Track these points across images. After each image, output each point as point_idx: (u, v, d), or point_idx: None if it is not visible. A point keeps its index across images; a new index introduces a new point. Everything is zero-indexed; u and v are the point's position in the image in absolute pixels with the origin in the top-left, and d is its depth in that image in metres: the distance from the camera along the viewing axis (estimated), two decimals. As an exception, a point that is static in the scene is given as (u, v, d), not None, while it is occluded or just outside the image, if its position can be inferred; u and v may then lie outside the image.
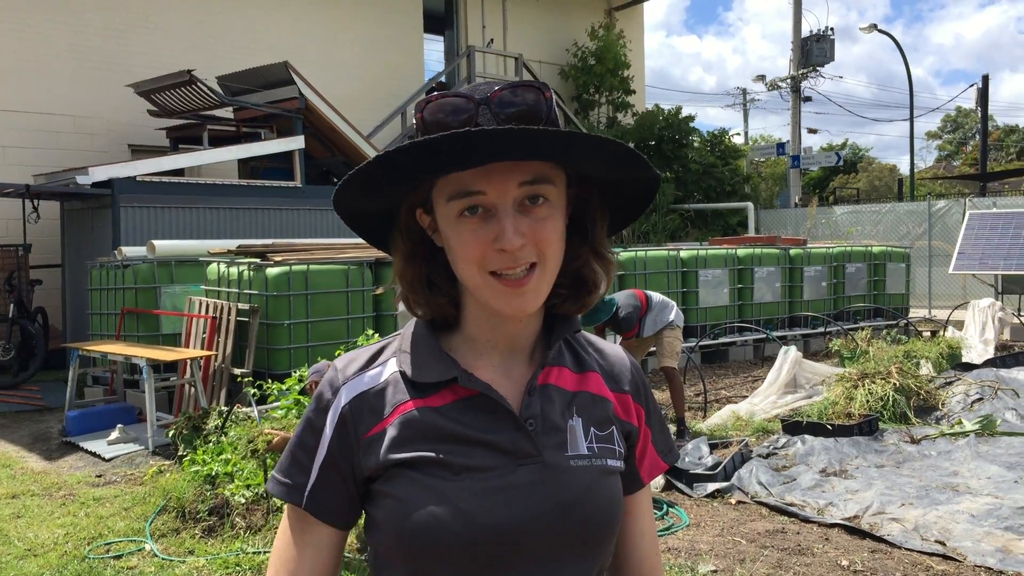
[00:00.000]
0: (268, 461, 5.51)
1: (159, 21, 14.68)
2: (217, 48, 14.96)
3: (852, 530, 5.12)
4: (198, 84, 11.93)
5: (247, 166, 13.91)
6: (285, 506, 1.23)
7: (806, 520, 5.31)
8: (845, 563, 4.59)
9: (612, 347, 1.34)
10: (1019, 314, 13.16)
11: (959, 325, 12.55)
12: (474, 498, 1.10)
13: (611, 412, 1.24)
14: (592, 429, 1.21)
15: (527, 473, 1.13)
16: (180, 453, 6.80)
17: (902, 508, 5.36)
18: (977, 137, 54.84)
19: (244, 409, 7.27)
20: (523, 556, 1.11)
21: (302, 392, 5.91)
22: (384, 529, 1.14)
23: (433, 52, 20.00)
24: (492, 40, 18.62)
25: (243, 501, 5.60)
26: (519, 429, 1.15)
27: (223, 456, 6.15)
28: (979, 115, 34.61)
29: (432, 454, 1.12)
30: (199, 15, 15.06)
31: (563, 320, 1.24)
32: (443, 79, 18.13)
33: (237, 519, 5.51)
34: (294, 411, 6.60)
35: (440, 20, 19.48)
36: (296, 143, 12.76)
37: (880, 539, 4.94)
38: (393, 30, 17.33)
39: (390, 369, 1.21)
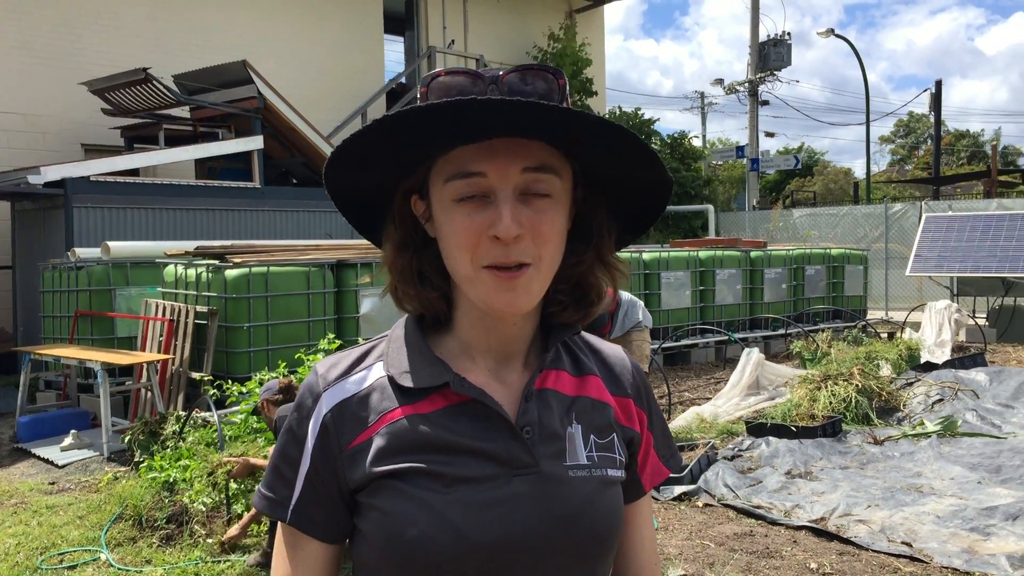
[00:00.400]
0: (231, 489, 5.39)
1: (113, 18, 14.39)
2: (174, 46, 14.71)
3: (819, 532, 5.11)
4: (154, 82, 11.71)
5: (204, 166, 13.69)
6: (279, 522, 1.16)
7: (773, 523, 5.30)
8: (814, 566, 4.58)
9: (612, 348, 1.28)
10: (974, 316, 13.36)
11: (916, 326, 12.69)
12: (466, 511, 1.03)
13: (612, 418, 1.18)
14: (592, 436, 1.14)
15: (523, 484, 1.06)
16: (136, 459, 6.65)
17: (868, 510, 5.38)
18: (929, 142, 55.92)
19: (203, 414, 7.13)
20: (517, 572, 1.05)
21: (255, 412, 5.78)
22: (370, 543, 1.07)
23: (392, 53, 19.89)
24: (453, 41, 18.53)
25: (203, 508, 5.47)
26: (515, 437, 1.08)
27: (181, 462, 6.02)
28: (932, 120, 35.20)
29: (422, 465, 1.06)
30: (155, 12, 14.80)
31: (561, 325, 1.17)
32: (403, 80, 18.01)
33: (196, 527, 5.38)
34: (253, 417, 6.48)
35: (400, 21, 19.36)
36: (255, 143, 12.57)
37: (847, 541, 4.94)
38: (353, 31, 17.18)
39: (376, 374, 1.13)
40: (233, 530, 5.10)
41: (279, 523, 1.15)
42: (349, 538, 1.13)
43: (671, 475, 1.43)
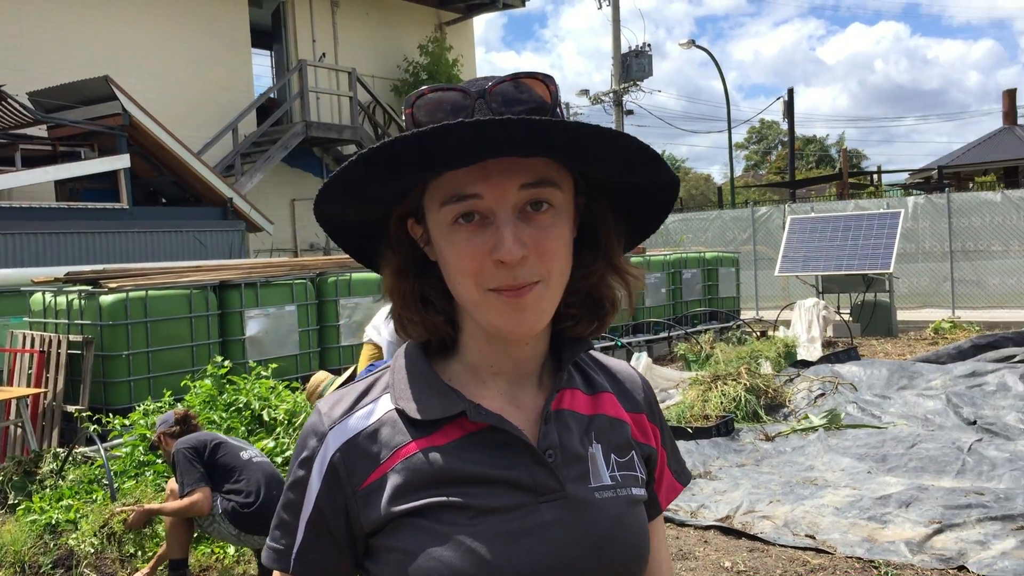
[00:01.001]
0: (129, 541, 5.09)
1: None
2: (28, 63, 13.89)
3: (727, 530, 5.22)
4: (8, 100, 11.05)
5: (65, 188, 13.01)
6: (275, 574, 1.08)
7: (682, 524, 5.38)
8: (728, 564, 4.67)
9: (620, 363, 1.24)
10: (839, 311, 14.01)
11: (787, 324, 13.22)
12: (496, 544, 0.98)
13: (629, 435, 1.14)
14: (612, 456, 1.11)
15: (551, 511, 1.02)
16: (12, 502, 6.23)
17: (770, 505, 5.53)
18: (780, 147, 58.51)
19: (82, 449, 6.77)
20: None
21: (152, 448, 5.50)
22: None
23: (260, 67, 19.43)
24: (324, 54, 18.24)
25: (91, 550, 5.16)
26: (538, 462, 1.03)
27: (63, 502, 5.69)
28: (785, 126, 36.85)
29: (444, 499, 1.00)
30: (7, 28, 13.97)
31: (573, 340, 1.13)
32: (274, 95, 17.61)
33: (86, 570, 5.07)
34: (141, 447, 6.19)
35: (267, 35, 18.91)
36: (121, 162, 12.02)
37: (755, 537, 5.06)
38: (219, 45, 16.65)
39: (383, 407, 1.07)
40: (140, 574, 4.84)
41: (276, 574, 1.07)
42: None
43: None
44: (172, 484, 4.80)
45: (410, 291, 1.08)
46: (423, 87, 1.03)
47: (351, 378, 5.41)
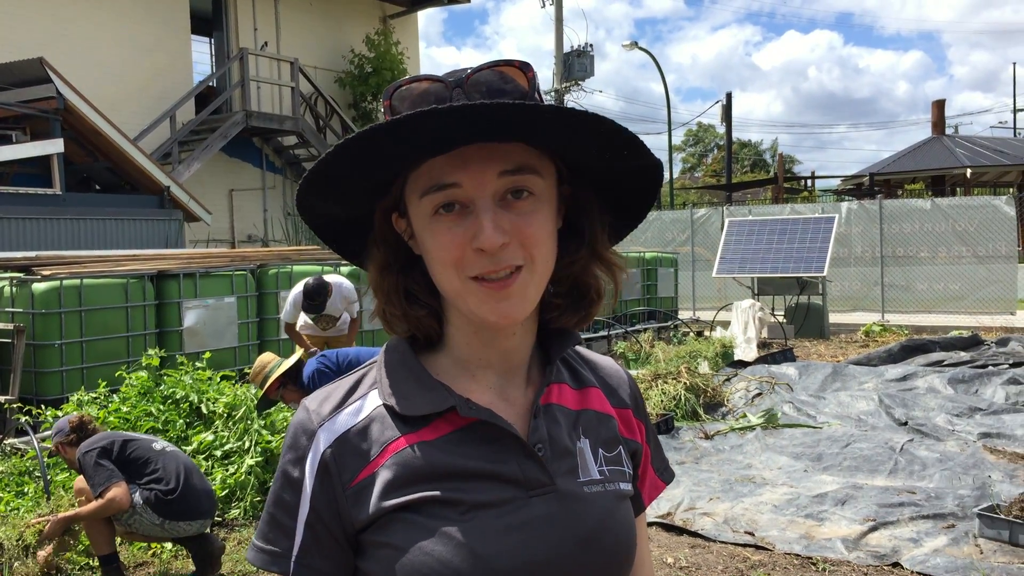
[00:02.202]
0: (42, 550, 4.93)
1: None
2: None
3: (668, 527, 5.29)
4: (-65, 79, 10.68)
5: (-7, 171, 12.61)
6: None
7: (624, 520, 5.43)
8: (671, 560, 4.73)
9: (606, 360, 1.25)
10: (774, 313, 14.28)
11: (723, 324, 13.43)
12: (488, 538, 0.98)
13: (616, 430, 1.15)
14: (600, 450, 1.11)
15: (542, 505, 1.02)
16: (-63, 494, 6.03)
17: (710, 503, 5.61)
18: (716, 150, 59.44)
19: (12, 440, 6.59)
20: None
21: (50, 455, 5.37)
22: None
23: (199, 55, 19.06)
24: (266, 43, 17.96)
25: (20, 543, 5.01)
26: (528, 456, 1.03)
27: (-9, 495, 5.53)
28: (721, 130, 37.47)
29: (435, 493, 0.99)
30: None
31: (560, 333, 1.13)
32: (213, 83, 17.29)
33: (17, 564, 4.93)
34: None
35: (207, 21, 18.55)
36: (54, 147, 11.68)
37: (696, 534, 5.13)
38: (157, 30, 16.28)
39: (372, 403, 1.06)
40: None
41: None
42: None
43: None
44: (80, 483, 4.70)
45: (393, 286, 1.07)
46: (402, 78, 1.02)
47: (300, 361, 5.35)
